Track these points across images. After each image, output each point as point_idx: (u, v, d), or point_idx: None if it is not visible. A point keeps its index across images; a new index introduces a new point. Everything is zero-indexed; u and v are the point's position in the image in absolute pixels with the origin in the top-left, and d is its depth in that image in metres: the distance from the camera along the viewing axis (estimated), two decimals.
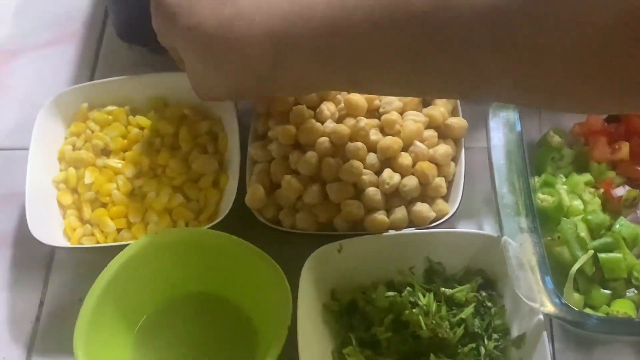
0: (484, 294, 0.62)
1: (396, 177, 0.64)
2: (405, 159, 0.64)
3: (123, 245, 0.62)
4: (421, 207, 0.64)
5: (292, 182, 0.64)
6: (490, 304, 0.62)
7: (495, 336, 0.60)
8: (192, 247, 0.62)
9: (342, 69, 0.55)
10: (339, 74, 0.56)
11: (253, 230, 0.64)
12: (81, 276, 0.66)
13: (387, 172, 0.64)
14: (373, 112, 0.67)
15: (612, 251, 0.61)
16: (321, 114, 0.66)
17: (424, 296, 0.61)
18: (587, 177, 0.66)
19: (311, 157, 0.64)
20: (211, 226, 0.63)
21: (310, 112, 0.67)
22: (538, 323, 0.58)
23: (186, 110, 0.71)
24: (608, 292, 0.61)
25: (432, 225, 0.63)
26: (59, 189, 0.69)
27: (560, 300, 0.56)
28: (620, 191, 0.65)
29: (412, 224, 0.63)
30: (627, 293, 0.61)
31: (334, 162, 0.64)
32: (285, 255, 0.61)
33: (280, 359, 0.57)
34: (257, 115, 0.69)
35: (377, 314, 0.60)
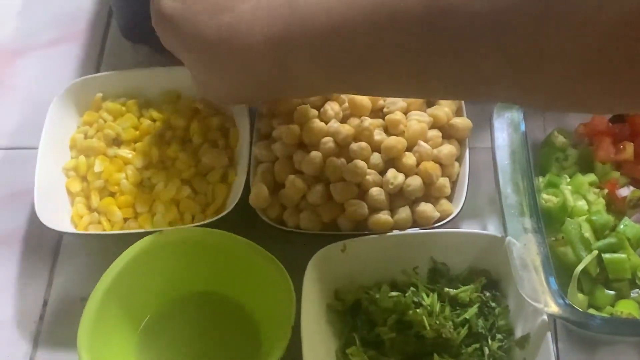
0: (487, 294, 0.62)
1: (400, 177, 0.64)
2: (409, 159, 0.64)
3: (129, 234, 0.63)
4: (425, 207, 0.63)
5: (296, 181, 0.64)
6: (494, 304, 0.62)
7: (499, 336, 0.60)
8: (196, 247, 0.62)
9: (343, 70, 0.55)
10: (339, 75, 0.56)
11: (257, 230, 0.64)
12: (85, 275, 0.67)
13: (391, 172, 0.64)
14: (377, 112, 0.67)
15: (617, 252, 0.61)
16: (325, 114, 0.66)
17: (428, 296, 0.61)
18: (591, 177, 0.66)
19: (315, 157, 0.64)
20: (217, 219, 0.63)
21: (315, 112, 0.67)
22: (542, 323, 0.58)
23: (199, 104, 0.71)
24: (612, 292, 0.61)
25: (436, 226, 0.63)
26: (69, 176, 0.70)
27: (564, 301, 0.56)
28: (625, 191, 0.65)
29: (416, 224, 0.63)
30: (632, 294, 0.61)
31: (338, 162, 0.64)
32: (289, 255, 0.61)
33: (284, 358, 0.57)
34: (261, 115, 0.69)
35: (381, 314, 0.60)
